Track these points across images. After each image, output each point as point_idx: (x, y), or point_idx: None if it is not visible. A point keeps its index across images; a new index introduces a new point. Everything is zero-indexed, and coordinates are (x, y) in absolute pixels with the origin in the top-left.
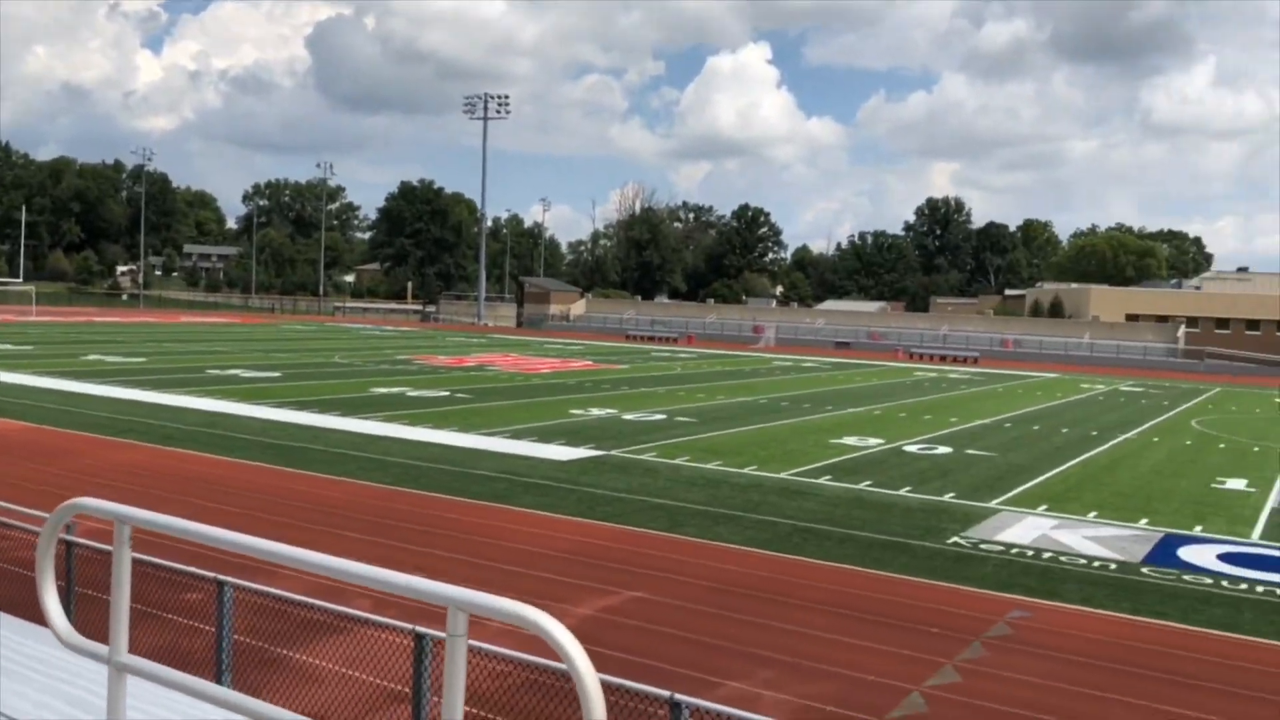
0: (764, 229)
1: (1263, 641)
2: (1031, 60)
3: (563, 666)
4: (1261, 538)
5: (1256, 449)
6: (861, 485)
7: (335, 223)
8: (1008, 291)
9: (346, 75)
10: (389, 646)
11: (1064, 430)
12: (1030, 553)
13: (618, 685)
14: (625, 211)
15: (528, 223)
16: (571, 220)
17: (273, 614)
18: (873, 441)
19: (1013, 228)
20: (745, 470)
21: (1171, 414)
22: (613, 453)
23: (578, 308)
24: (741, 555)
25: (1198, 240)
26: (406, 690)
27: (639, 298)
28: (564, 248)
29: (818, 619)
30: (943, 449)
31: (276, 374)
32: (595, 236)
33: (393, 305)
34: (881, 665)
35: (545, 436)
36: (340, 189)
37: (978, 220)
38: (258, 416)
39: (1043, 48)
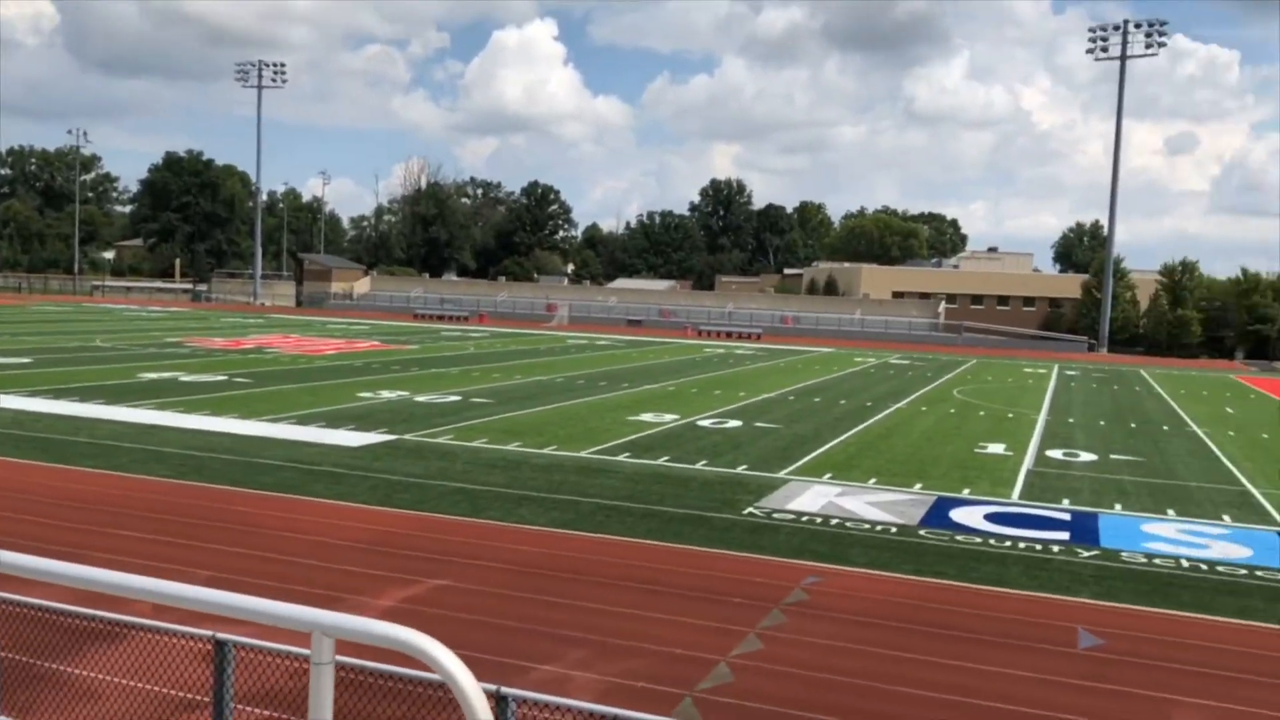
0: (554, 206)
1: (1028, 594)
2: (806, 47)
3: (378, 665)
4: (1021, 497)
5: (1011, 415)
6: (660, 461)
7: (91, 195)
8: (786, 271)
9: (100, 35)
10: (180, 652)
11: (842, 402)
12: (819, 519)
13: (437, 681)
14: (410, 186)
15: (306, 197)
16: (353, 195)
17: (39, 624)
18: (668, 417)
19: (790, 209)
20: (545, 450)
21: (936, 384)
22: (407, 436)
23: (362, 286)
24: (545, 536)
25: (954, 222)
26: (200, 699)
27: (427, 275)
28: (346, 223)
29: (624, 596)
30: (733, 422)
31: (26, 359)
32: (379, 212)
33: (159, 284)
34: (688, 638)
35: (334, 421)
36: (96, 158)
37: (758, 202)
38: (8, 407)
39: (816, 36)
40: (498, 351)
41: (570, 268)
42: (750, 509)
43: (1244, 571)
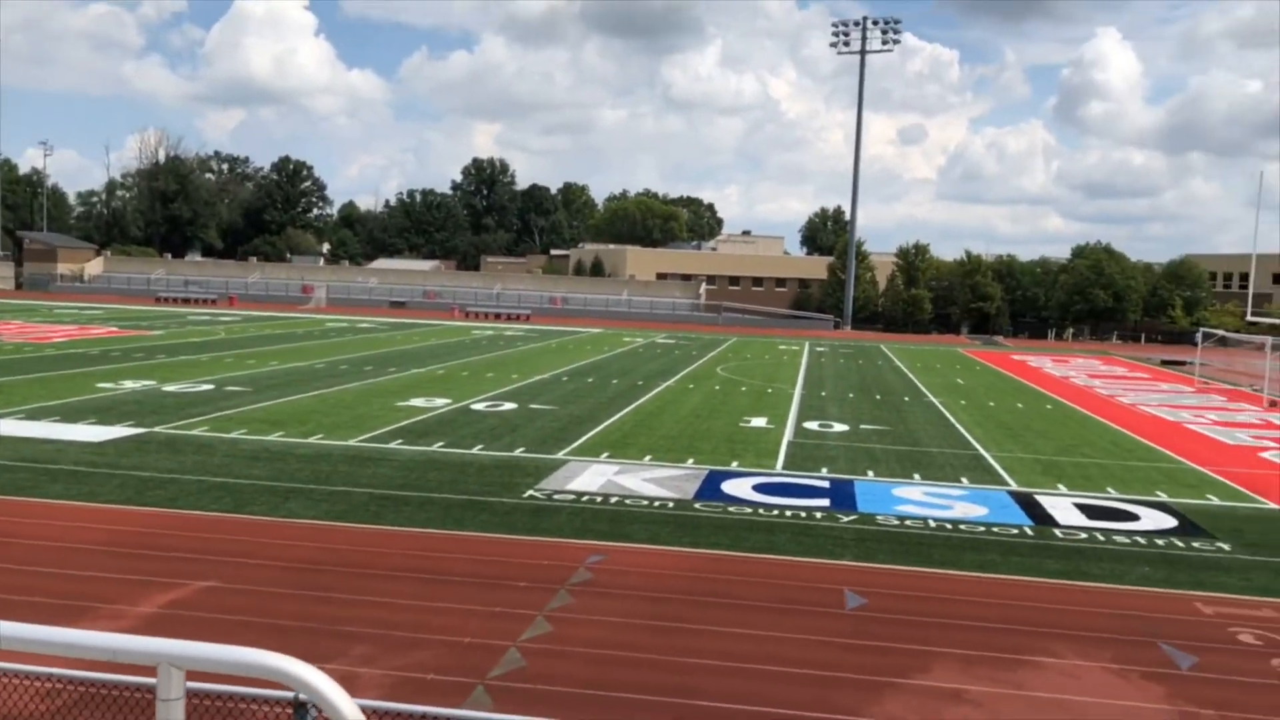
0: (307, 183)
1: (797, 559)
2: (565, 30)
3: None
4: (784, 468)
5: (770, 390)
6: (434, 447)
7: None
8: (553, 251)
9: None
10: None
11: (614, 381)
12: (599, 498)
13: (228, 693)
14: (147, 160)
15: (24, 169)
16: (80, 168)
17: None
18: (440, 402)
19: (554, 190)
20: (311, 440)
21: (701, 362)
22: (157, 429)
23: (93, 267)
24: (317, 530)
25: (711, 206)
26: None
27: (169, 256)
28: (72, 199)
29: (406, 587)
30: (508, 405)
31: None
32: (111, 187)
33: None
34: (476, 626)
35: (70, 415)
36: None
37: (521, 181)
38: None
39: (575, 19)
40: (251, 336)
41: (326, 247)
42: (530, 491)
43: (982, 529)
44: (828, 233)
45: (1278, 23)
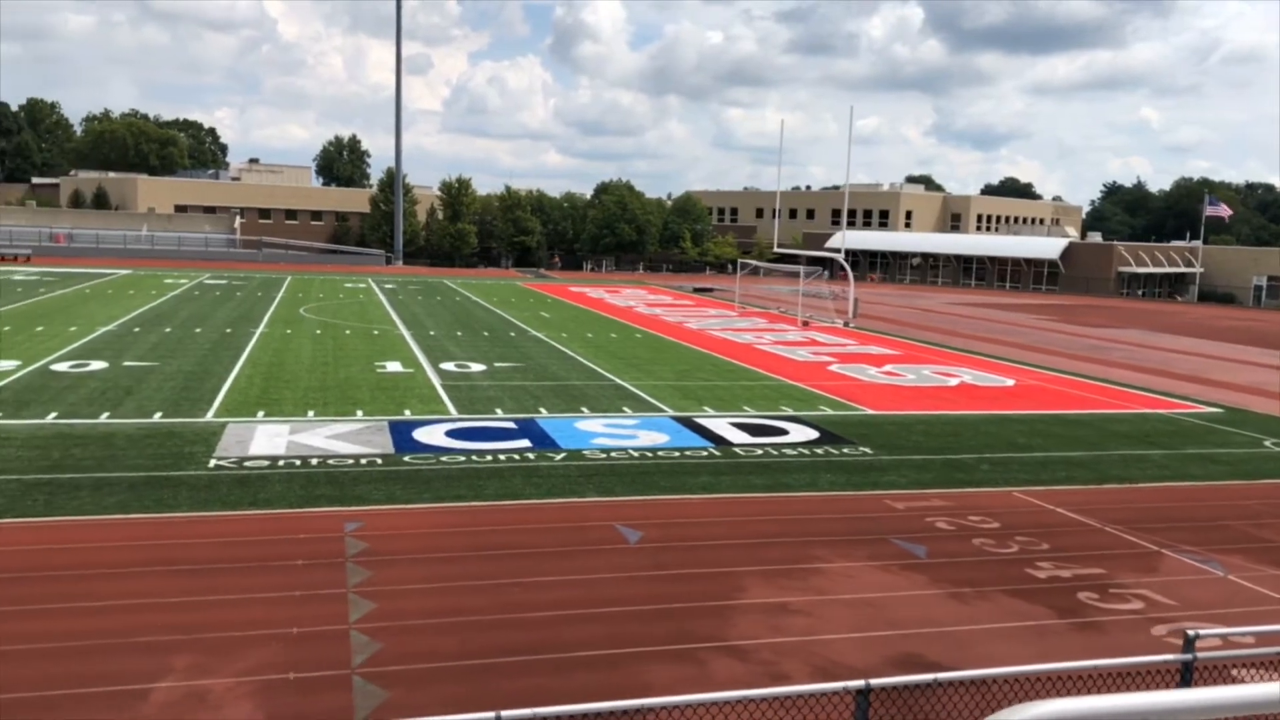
0: None
1: (546, 501)
2: None
3: None
4: (461, 412)
5: (376, 332)
6: (49, 418)
7: None
8: (35, 180)
9: None
10: None
11: (197, 330)
12: (297, 461)
13: None
14: None
15: None
16: None
17: None
18: (5, 364)
19: (15, 107)
20: None
21: (276, 304)
22: None
23: None
24: None
25: (213, 131)
26: None
27: None
28: None
29: (165, 583)
30: (97, 364)
31: None
32: None
33: None
34: (290, 614)
35: None
36: None
37: None
38: None
39: None
40: None
41: None
42: (215, 461)
43: (677, 454)
44: (344, 163)
45: None
